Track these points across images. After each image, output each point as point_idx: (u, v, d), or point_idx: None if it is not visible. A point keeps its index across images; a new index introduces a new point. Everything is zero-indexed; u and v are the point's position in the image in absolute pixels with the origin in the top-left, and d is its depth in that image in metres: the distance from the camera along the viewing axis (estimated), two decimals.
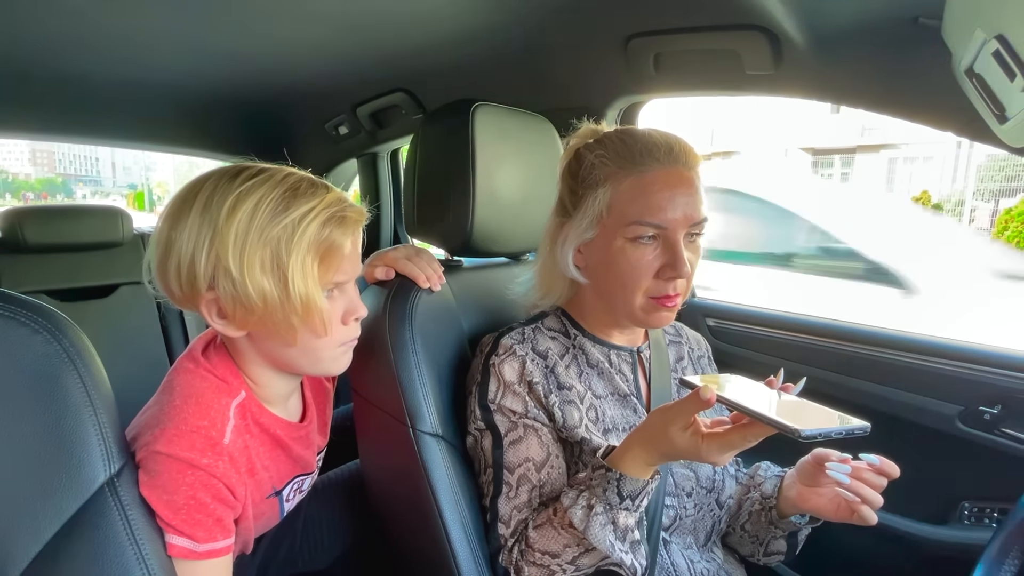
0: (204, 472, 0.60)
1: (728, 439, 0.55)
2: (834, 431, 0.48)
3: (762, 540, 0.82)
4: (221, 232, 0.59)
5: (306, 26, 1.09)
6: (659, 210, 0.69)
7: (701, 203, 0.71)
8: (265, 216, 0.60)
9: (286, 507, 0.80)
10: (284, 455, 0.74)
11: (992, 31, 0.51)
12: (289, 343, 0.64)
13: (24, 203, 23.15)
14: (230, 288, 0.60)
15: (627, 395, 0.78)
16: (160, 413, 0.61)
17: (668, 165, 0.70)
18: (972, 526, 0.99)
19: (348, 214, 0.65)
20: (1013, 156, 0.75)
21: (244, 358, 0.69)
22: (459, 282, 0.91)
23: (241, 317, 0.61)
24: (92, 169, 52.76)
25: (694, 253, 0.73)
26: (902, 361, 1.04)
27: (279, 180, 0.62)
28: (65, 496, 0.49)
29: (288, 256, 0.60)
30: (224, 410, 0.65)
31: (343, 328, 0.68)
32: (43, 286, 1.51)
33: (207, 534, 0.60)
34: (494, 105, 0.86)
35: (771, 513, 0.79)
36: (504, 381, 0.73)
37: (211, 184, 0.61)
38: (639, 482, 0.62)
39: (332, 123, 1.76)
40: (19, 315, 0.50)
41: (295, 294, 0.60)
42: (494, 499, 0.73)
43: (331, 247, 0.63)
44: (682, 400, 0.57)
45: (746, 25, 0.89)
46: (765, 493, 0.81)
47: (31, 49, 1.18)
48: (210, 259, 0.59)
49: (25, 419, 0.48)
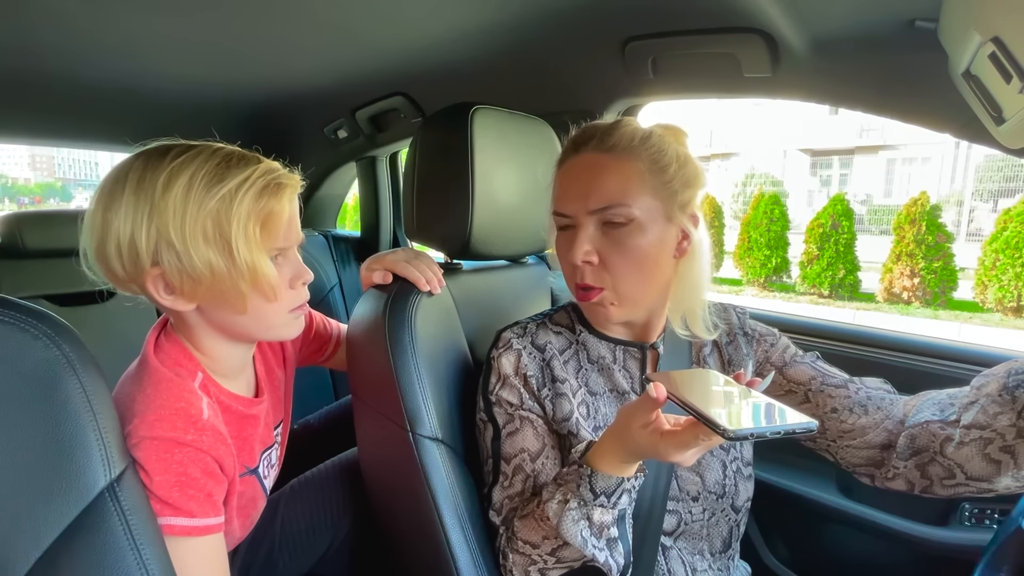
0: (191, 448, 0.61)
1: (683, 438, 0.53)
2: (768, 430, 0.46)
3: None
4: (159, 207, 0.60)
5: (305, 31, 1.09)
6: (561, 198, 0.72)
7: (602, 187, 0.67)
8: (201, 188, 0.61)
9: (267, 484, 0.82)
10: (252, 431, 0.76)
11: (988, 34, 0.52)
12: (239, 311, 0.66)
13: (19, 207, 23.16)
14: (175, 261, 0.61)
15: (626, 392, 0.78)
16: (133, 404, 0.62)
17: (578, 152, 0.72)
18: (973, 527, 0.99)
19: (283, 181, 0.67)
20: (1011, 156, 0.75)
21: (195, 333, 0.70)
22: (459, 285, 0.92)
23: (189, 289, 0.63)
24: (91, 173, 52.78)
25: (613, 244, 0.68)
26: (903, 363, 1.04)
27: (210, 154, 0.64)
28: (66, 501, 0.49)
29: (229, 225, 0.62)
30: (193, 391, 0.66)
31: (291, 292, 0.71)
32: (42, 291, 1.51)
33: (201, 509, 0.61)
34: (493, 108, 0.86)
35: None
36: (502, 374, 0.75)
37: (140, 164, 0.63)
38: (612, 479, 0.61)
39: (331, 127, 1.77)
40: (19, 321, 0.50)
41: (241, 261, 0.62)
42: (491, 488, 0.74)
43: (270, 214, 0.65)
44: (639, 398, 0.57)
45: (743, 28, 0.89)
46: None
47: (28, 55, 1.18)
48: (151, 234, 0.60)
49: (25, 425, 0.48)
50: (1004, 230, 6.38)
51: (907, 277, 7.07)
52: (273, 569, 0.90)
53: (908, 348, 1.06)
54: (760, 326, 0.85)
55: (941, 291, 6.98)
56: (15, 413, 0.48)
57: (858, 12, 0.80)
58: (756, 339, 0.83)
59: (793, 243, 8.29)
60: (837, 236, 7.54)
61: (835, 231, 7.54)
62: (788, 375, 0.79)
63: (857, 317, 6.96)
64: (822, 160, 15.15)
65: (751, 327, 0.85)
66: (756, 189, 11.29)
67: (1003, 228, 6.40)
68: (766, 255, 8.33)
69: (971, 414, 0.60)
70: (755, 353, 0.83)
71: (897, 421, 0.68)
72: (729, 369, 0.82)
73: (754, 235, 8.42)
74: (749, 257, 8.51)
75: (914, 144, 13.43)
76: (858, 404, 0.72)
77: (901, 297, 7.21)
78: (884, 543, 1.04)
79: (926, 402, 0.67)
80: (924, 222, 6.84)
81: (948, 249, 6.89)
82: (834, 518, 1.08)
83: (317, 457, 0.99)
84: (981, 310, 6.82)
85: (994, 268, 6.48)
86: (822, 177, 15.27)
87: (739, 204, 13.56)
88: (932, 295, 7.01)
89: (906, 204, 7.06)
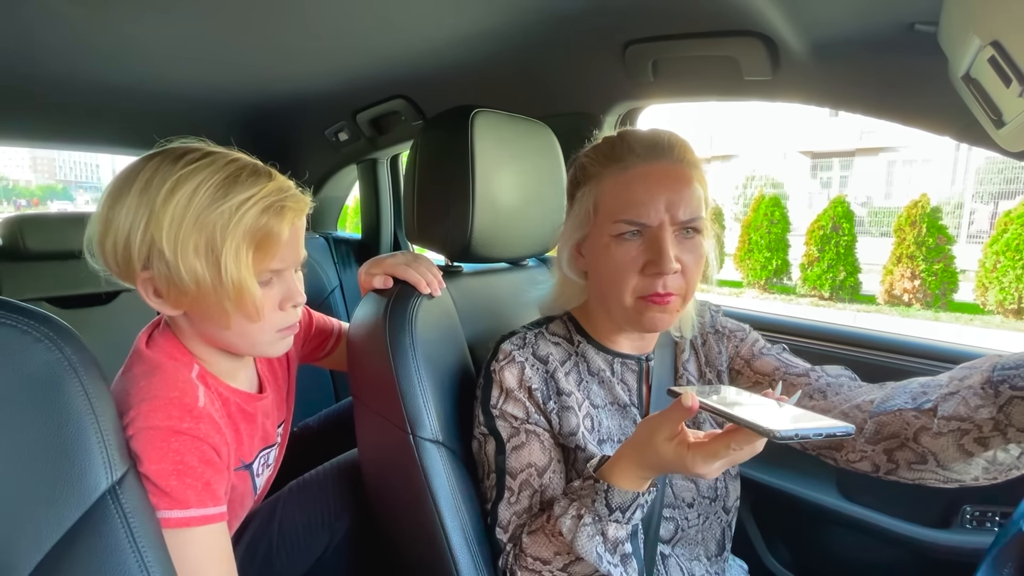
0: (187, 436, 0.61)
1: (712, 448, 0.53)
2: (813, 431, 0.47)
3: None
4: (157, 215, 0.60)
5: (306, 34, 1.10)
6: (638, 206, 0.68)
7: (689, 198, 0.69)
8: (203, 201, 0.61)
9: (258, 483, 0.81)
10: (247, 425, 0.75)
11: (987, 38, 0.52)
12: (223, 326, 0.66)
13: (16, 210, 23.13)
14: (164, 269, 0.61)
15: (627, 405, 0.78)
16: (128, 397, 0.61)
17: (650, 160, 0.70)
18: (974, 530, 0.99)
19: (288, 203, 0.66)
20: (1011, 159, 0.75)
21: (185, 336, 0.70)
22: (459, 288, 0.92)
23: (175, 297, 0.63)
24: (92, 175, 52.87)
25: (690, 252, 0.70)
26: (905, 365, 1.04)
27: (221, 165, 0.63)
28: (67, 504, 0.49)
29: (223, 242, 0.61)
30: (189, 379, 0.66)
31: (279, 314, 0.70)
32: (44, 293, 1.51)
33: (198, 499, 0.61)
34: (493, 111, 0.86)
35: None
36: (505, 387, 0.73)
37: (153, 165, 0.62)
38: (629, 494, 0.61)
39: (332, 129, 1.77)
40: (21, 323, 0.50)
41: (227, 279, 0.62)
42: (495, 504, 0.73)
43: (268, 235, 0.64)
44: (667, 409, 0.57)
45: (744, 32, 0.90)
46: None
47: (30, 58, 1.18)
48: (144, 240, 0.61)
49: (27, 427, 0.48)
50: (1005, 232, 6.37)
51: (908, 279, 7.07)
52: (270, 569, 0.90)
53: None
54: (731, 322, 0.87)
55: (942, 293, 6.98)
56: (17, 415, 0.48)
57: (858, 16, 0.80)
58: (726, 335, 0.85)
59: (794, 245, 8.29)
60: (838, 238, 7.54)
61: (836, 233, 7.54)
62: (755, 367, 0.81)
63: (858, 319, 6.96)
64: (822, 162, 15.16)
65: (722, 324, 0.87)
66: (756, 191, 11.28)
67: (1004, 230, 6.40)
68: (767, 257, 8.33)
69: (951, 405, 0.60)
70: (727, 350, 0.84)
71: (854, 406, 0.69)
72: (707, 369, 0.84)
73: (754, 237, 8.42)
74: (750, 259, 8.51)
75: (915, 146, 13.43)
76: (817, 391, 0.74)
77: (902, 299, 7.21)
78: (885, 546, 1.04)
79: (897, 389, 0.67)
80: (925, 224, 6.84)
81: (949, 251, 6.89)
82: (835, 520, 1.08)
83: (315, 460, 0.99)
84: (982, 312, 6.81)
85: (995, 270, 6.48)
86: (822, 179, 15.28)
87: (739, 206, 13.57)
88: (933, 297, 7.01)
89: (907, 206, 7.07)
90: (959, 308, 7.04)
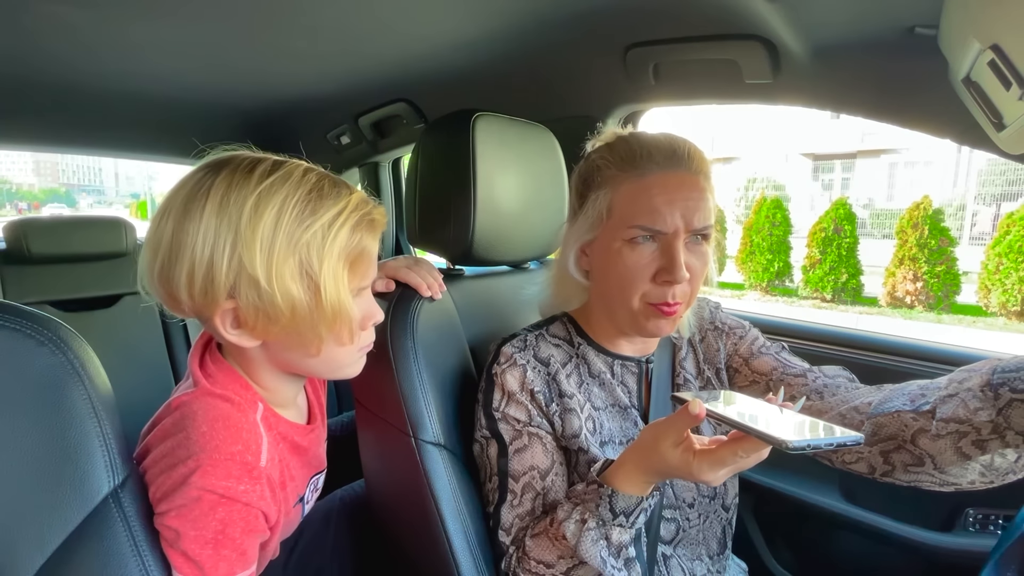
0: (239, 503, 0.56)
1: (719, 455, 0.53)
2: (824, 441, 0.47)
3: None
4: (245, 236, 0.53)
5: (308, 37, 1.10)
6: (656, 214, 0.68)
7: (703, 208, 0.69)
8: (292, 220, 0.55)
9: (307, 508, 0.78)
10: (303, 460, 0.72)
11: (987, 41, 0.52)
12: (311, 353, 0.60)
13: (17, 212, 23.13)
14: (254, 298, 0.54)
15: (627, 407, 0.78)
16: (188, 443, 0.55)
17: (668, 169, 0.70)
18: (977, 533, 0.99)
19: (375, 216, 0.62)
20: (1012, 161, 0.75)
21: (253, 365, 0.63)
22: (460, 291, 0.92)
23: (262, 327, 0.56)
24: (95, 179, 53.04)
25: (698, 258, 0.71)
26: (903, 367, 1.04)
27: (300, 178, 0.57)
28: (69, 507, 0.49)
29: (320, 264, 0.56)
30: (254, 428, 0.60)
31: (362, 333, 0.65)
32: (47, 297, 1.52)
33: (228, 569, 0.56)
34: (495, 115, 0.87)
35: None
36: (507, 390, 0.73)
37: (225, 179, 0.55)
38: (632, 499, 0.61)
39: (334, 133, 1.77)
40: (24, 327, 0.50)
41: (326, 302, 0.57)
42: (497, 506, 0.73)
43: (362, 252, 0.60)
44: (673, 415, 0.57)
45: (744, 35, 0.90)
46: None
47: (32, 62, 1.19)
48: (232, 266, 0.53)
49: (30, 430, 0.49)
50: (1007, 234, 6.36)
51: (910, 281, 7.06)
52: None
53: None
54: (731, 319, 0.87)
55: (944, 295, 6.97)
56: (20, 419, 0.48)
57: (858, 19, 0.80)
58: (725, 332, 0.85)
59: (795, 247, 8.29)
60: (840, 240, 7.54)
61: (837, 235, 7.54)
62: (752, 366, 0.81)
63: (860, 321, 6.95)
64: (824, 164, 15.14)
65: (721, 320, 0.87)
66: (758, 193, 11.28)
67: (1006, 232, 6.39)
68: (768, 259, 8.33)
69: (950, 407, 0.60)
70: (725, 347, 0.84)
71: (852, 407, 0.69)
72: (705, 367, 0.84)
73: (756, 239, 8.42)
74: (751, 261, 8.51)
75: (917, 148, 13.42)
76: (814, 392, 0.74)
77: (904, 301, 7.20)
78: (888, 549, 1.04)
79: (895, 391, 0.67)
80: (927, 226, 6.83)
81: (951, 253, 6.88)
82: (836, 523, 1.08)
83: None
84: (984, 314, 6.80)
85: (997, 272, 6.47)
86: (824, 181, 15.26)
87: (741, 208, 13.56)
88: (935, 299, 7.00)
89: (909, 208, 7.06)
90: (962, 310, 7.02)
